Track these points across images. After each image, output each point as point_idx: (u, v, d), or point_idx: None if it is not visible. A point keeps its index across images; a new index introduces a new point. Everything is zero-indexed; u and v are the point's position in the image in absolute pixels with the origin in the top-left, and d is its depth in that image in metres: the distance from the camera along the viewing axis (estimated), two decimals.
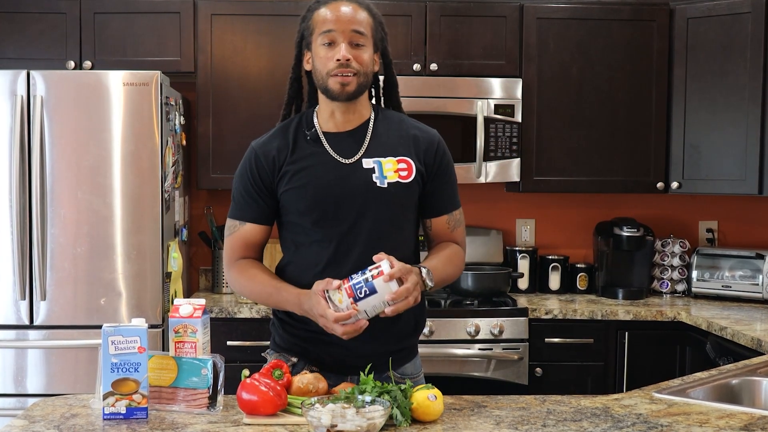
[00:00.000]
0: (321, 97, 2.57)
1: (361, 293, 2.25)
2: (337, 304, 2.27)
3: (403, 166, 2.53)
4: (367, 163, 2.52)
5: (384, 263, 2.27)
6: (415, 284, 2.30)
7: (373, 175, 2.51)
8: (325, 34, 2.46)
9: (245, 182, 2.59)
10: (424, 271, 2.39)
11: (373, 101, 2.69)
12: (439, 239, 2.65)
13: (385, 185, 2.51)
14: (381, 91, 2.69)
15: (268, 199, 2.57)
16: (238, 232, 2.61)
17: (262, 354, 2.70)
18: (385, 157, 2.53)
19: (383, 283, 2.24)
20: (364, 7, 2.52)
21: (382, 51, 2.60)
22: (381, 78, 2.68)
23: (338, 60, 2.44)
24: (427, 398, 2.16)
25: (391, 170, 2.52)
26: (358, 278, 2.27)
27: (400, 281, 2.27)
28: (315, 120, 2.59)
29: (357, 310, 2.25)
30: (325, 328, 2.33)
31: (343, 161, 2.52)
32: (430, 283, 2.40)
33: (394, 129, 2.59)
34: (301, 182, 2.52)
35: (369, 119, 2.59)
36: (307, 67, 2.58)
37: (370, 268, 2.28)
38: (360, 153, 2.53)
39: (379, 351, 2.49)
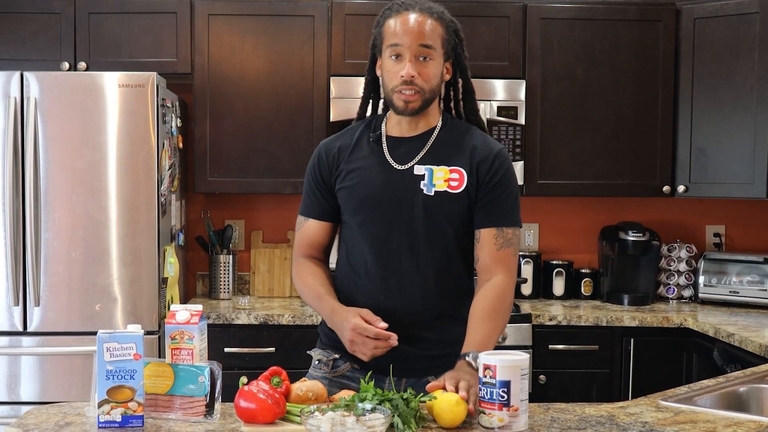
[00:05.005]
0: None
1: None
2: None
3: (455, 176, 2.52)
4: (419, 169, 2.54)
5: None
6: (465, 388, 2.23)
7: (422, 182, 2.52)
8: (392, 48, 2.47)
9: (309, 179, 2.67)
10: (470, 357, 2.34)
11: (442, 106, 2.67)
12: (484, 256, 2.55)
13: (432, 193, 2.51)
14: (457, 98, 2.67)
15: (329, 197, 2.64)
16: (302, 229, 2.69)
17: (308, 352, 2.73)
18: (438, 165, 2.53)
19: None
20: (435, 15, 2.49)
21: (455, 58, 2.57)
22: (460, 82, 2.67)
23: (402, 76, 2.44)
24: (456, 403, 2.12)
25: (441, 179, 2.52)
26: None
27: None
28: (384, 124, 2.61)
29: None
30: (349, 343, 2.44)
31: (396, 166, 2.54)
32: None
33: (457, 139, 2.58)
34: (352, 182, 2.57)
35: (435, 127, 2.58)
36: (378, 72, 2.59)
37: None
38: (415, 159, 2.54)
39: (422, 354, 2.50)
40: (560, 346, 4.26)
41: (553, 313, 4.31)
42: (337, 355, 2.61)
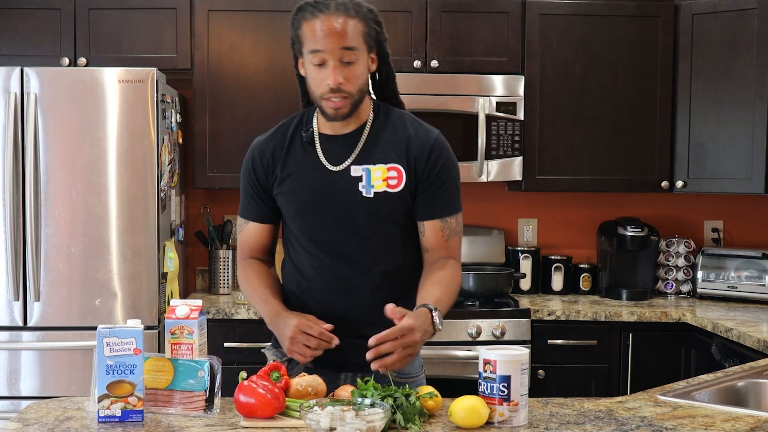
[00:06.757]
0: None
1: None
2: None
3: (393, 174, 2.46)
4: (356, 170, 2.46)
5: None
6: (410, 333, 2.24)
7: (360, 184, 2.45)
8: (315, 54, 2.36)
9: (245, 182, 2.62)
10: (435, 315, 2.32)
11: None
12: (433, 247, 2.53)
13: (371, 195, 2.45)
14: (377, 85, 2.61)
15: (267, 200, 2.58)
16: (244, 231, 2.66)
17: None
18: (375, 164, 2.46)
19: None
20: (352, 12, 2.38)
21: (378, 47, 2.49)
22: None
23: (329, 84, 2.36)
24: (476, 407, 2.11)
25: (379, 179, 2.45)
26: None
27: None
28: (315, 120, 2.54)
29: None
30: (289, 341, 2.36)
31: (332, 168, 2.47)
32: (439, 325, 2.33)
33: (391, 131, 2.50)
34: (290, 187, 2.51)
35: (367, 122, 2.51)
36: (302, 71, 2.49)
37: None
38: (350, 160, 2.47)
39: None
40: (559, 341, 4.25)
41: (552, 308, 4.30)
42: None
